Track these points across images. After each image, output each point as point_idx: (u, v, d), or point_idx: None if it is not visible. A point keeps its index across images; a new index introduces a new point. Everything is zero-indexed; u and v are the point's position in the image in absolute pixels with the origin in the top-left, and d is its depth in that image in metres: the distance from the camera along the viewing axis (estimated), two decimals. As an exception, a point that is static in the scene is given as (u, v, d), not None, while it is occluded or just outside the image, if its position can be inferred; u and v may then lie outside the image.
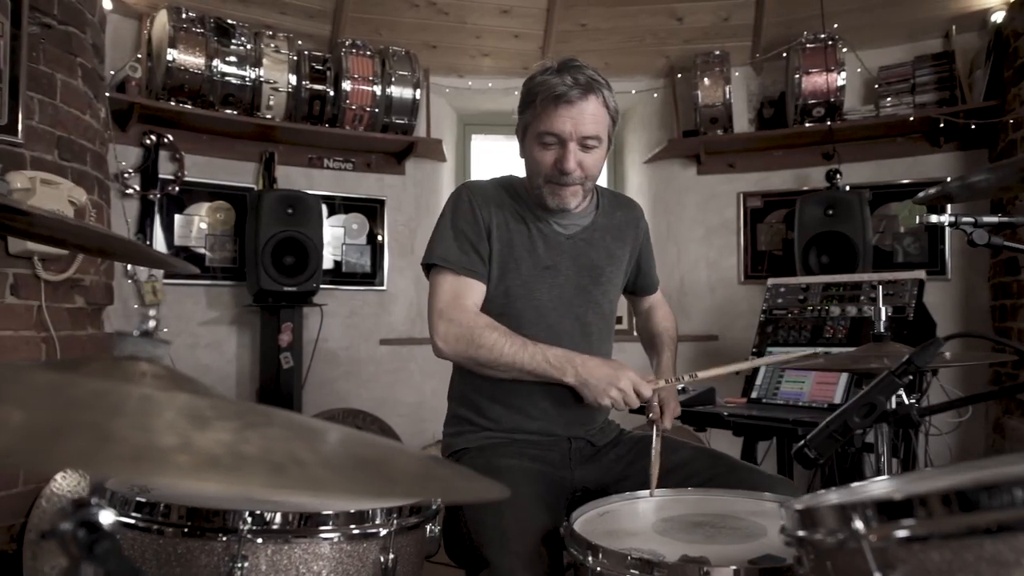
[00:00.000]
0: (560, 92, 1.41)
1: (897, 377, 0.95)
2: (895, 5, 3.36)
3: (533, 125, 1.47)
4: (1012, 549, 0.52)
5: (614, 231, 1.66)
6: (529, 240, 1.57)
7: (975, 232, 1.39)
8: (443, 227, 1.56)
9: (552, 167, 1.47)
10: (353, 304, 3.62)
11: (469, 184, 1.62)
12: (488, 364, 1.46)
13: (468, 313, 1.48)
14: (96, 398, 0.43)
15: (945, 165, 3.36)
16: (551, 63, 1.49)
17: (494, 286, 1.54)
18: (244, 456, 0.38)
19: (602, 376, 1.41)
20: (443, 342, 1.48)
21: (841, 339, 2.58)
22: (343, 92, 3.30)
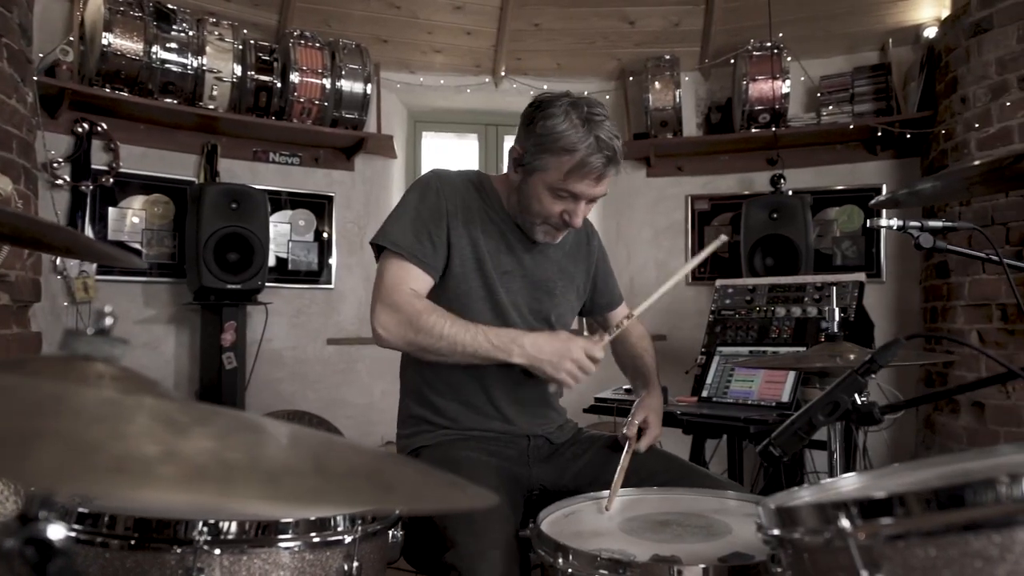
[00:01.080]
0: (599, 167, 1.39)
1: (860, 376, 0.97)
2: (835, 18, 3.49)
3: (550, 175, 1.42)
4: (996, 545, 0.53)
5: (567, 248, 1.67)
6: (494, 242, 1.55)
7: (921, 236, 1.44)
8: (404, 209, 1.51)
9: (557, 216, 1.47)
10: (299, 303, 3.52)
11: (440, 172, 1.57)
12: (429, 348, 1.41)
13: (407, 297, 1.43)
14: (56, 403, 0.39)
15: (881, 172, 3.50)
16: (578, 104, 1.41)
17: (456, 282, 1.51)
18: (233, 466, 0.35)
19: (552, 351, 1.38)
20: (383, 329, 1.43)
21: (786, 339, 2.65)
22: (291, 84, 3.20)
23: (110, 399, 0.43)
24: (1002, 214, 2.69)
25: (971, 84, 2.88)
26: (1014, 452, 0.74)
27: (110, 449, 0.31)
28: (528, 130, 1.45)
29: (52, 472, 0.28)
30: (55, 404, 0.38)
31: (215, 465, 0.33)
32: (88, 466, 0.29)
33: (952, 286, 2.95)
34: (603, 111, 1.44)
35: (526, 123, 1.47)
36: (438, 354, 1.43)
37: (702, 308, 3.72)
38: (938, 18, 3.29)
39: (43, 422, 0.33)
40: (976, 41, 2.85)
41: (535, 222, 1.50)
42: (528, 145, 1.45)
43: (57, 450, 0.29)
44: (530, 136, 1.44)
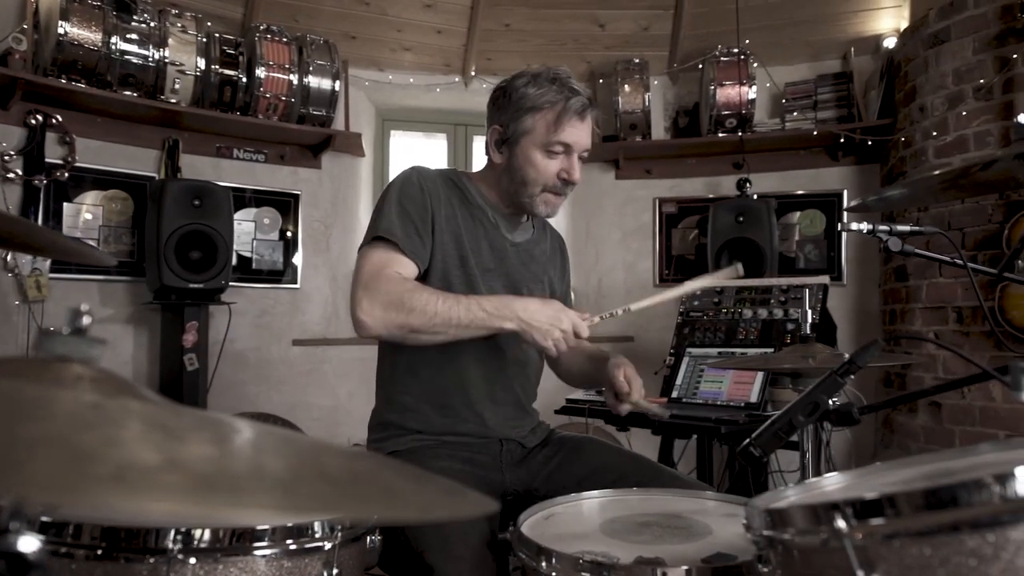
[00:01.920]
0: (583, 108, 1.44)
1: (839, 377, 0.98)
2: (800, 26, 3.57)
3: (538, 133, 1.45)
4: (990, 544, 0.53)
5: (547, 254, 1.68)
6: (476, 239, 1.53)
7: (890, 239, 1.48)
8: (388, 204, 1.47)
9: (555, 176, 1.47)
10: (264, 303, 3.44)
11: (419, 168, 1.55)
12: (422, 328, 1.35)
13: (393, 279, 1.38)
14: (39, 407, 0.36)
15: (842, 178, 3.59)
16: (540, 71, 1.47)
17: (438, 279, 1.49)
18: (239, 474, 0.32)
19: (545, 318, 1.36)
20: (368, 315, 1.35)
21: (753, 340, 2.70)
22: (257, 79, 3.13)
23: (95, 403, 0.40)
24: (959, 220, 2.78)
25: (929, 94, 2.97)
26: (994, 451, 0.76)
27: (109, 457, 0.29)
28: (501, 108, 1.49)
29: (50, 483, 0.25)
30: (39, 409, 0.35)
31: (220, 473, 0.31)
32: (87, 476, 0.27)
33: (910, 289, 3.04)
34: (567, 72, 1.49)
35: (497, 103, 1.51)
36: (431, 332, 1.36)
37: (669, 310, 3.76)
38: (897, 29, 3.39)
39: (32, 428, 0.31)
40: (934, 52, 2.95)
41: (535, 193, 1.49)
42: (506, 119, 1.48)
43: (54, 459, 0.27)
44: (505, 111, 1.48)
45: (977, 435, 2.68)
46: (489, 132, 1.52)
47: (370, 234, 1.46)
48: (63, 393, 0.40)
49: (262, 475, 0.33)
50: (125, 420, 0.37)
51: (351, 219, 3.70)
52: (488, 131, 1.52)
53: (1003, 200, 2.65)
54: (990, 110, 2.74)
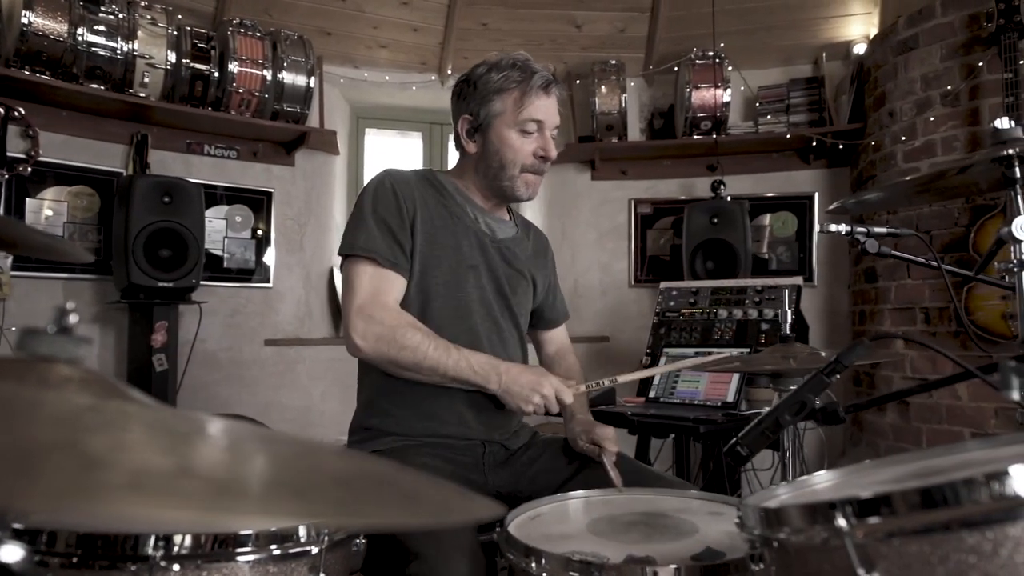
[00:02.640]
0: (546, 83, 1.47)
1: (825, 376, 0.99)
2: (773, 31, 3.62)
3: (508, 114, 1.47)
4: (989, 540, 0.54)
5: (531, 251, 1.68)
6: (454, 237, 1.52)
7: (867, 241, 1.50)
8: (363, 214, 1.47)
9: (531, 155, 1.49)
10: (236, 302, 3.37)
11: (391, 171, 1.54)
12: (409, 366, 1.40)
13: (390, 311, 1.41)
14: (32, 409, 0.34)
15: (813, 181, 3.65)
16: (499, 58, 1.50)
17: (415, 281, 1.48)
18: (257, 480, 0.31)
19: (525, 383, 1.40)
20: (362, 340, 1.39)
21: (728, 340, 2.73)
22: (229, 74, 3.06)
23: (91, 405, 0.38)
24: (926, 223, 2.84)
25: (898, 99, 3.04)
26: (980, 448, 0.77)
27: (120, 463, 0.27)
28: (467, 97, 1.51)
29: (64, 491, 0.24)
30: (36, 411, 0.33)
31: (237, 479, 0.30)
32: (102, 484, 0.25)
33: (879, 290, 3.10)
34: (524, 55, 1.52)
35: (462, 95, 1.53)
36: (416, 372, 1.41)
37: (644, 310, 3.79)
38: (867, 36, 3.46)
39: (34, 432, 0.29)
40: (903, 59, 3.01)
41: (515, 174, 1.51)
42: (474, 107, 1.50)
43: (64, 466, 0.25)
44: (471, 99, 1.50)
45: (944, 433, 2.75)
46: (459, 123, 1.53)
47: (350, 248, 1.46)
48: (55, 395, 0.38)
49: (279, 480, 0.32)
50: (125, 423, 0.35)
51: (325, 218, 3.65)
52: (458, 123, 1.53)
53: (969, 204, 2.73)
54: (957, 116, 2.82)
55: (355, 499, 0.34)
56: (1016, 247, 1.12)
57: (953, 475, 0.62)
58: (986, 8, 2.70)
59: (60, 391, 0.45)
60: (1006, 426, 2.59)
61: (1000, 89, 2.55)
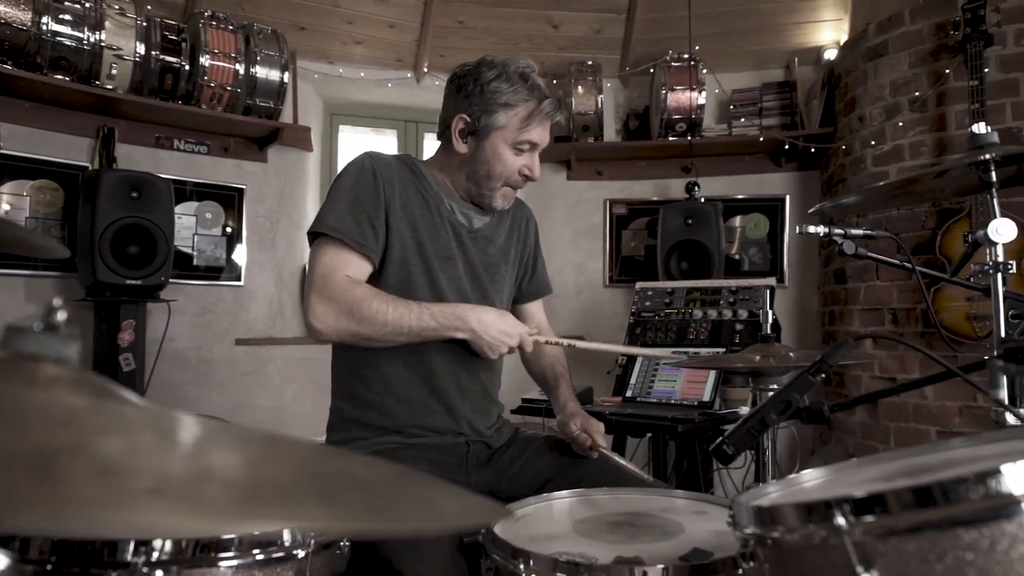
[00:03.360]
0: (553, 109, 1.48)
1: (811, 376, 1.00)
2: (746, 35, 3.67)
3: (509, 130, 1.45)
4: (986, 537, 0.55)
5: (507, 230, 1.67)
6: (433, 227, 1.51)
7: (845, 243, 1.53)
8: (339, 193, 1.44)
9: (518, 172, 1.50)
10: (205, 300, 3.30)
11: (373, 154, 1.51)
12: (373, 337, 1.37)
13: (344, 285, 1.38)
14: (36, 411, 0.33)
15: (785, 183, 3.71)
16: (507, 64, 1.47)
17: (396, 268, 1.46)
18: (279, 484, 0.30)
19: (497, 332, 1.43)
20: (319, 322, 1.37)
21: (703, 340, 2.75)
22: (200, 67, 3.00)
23: (88, 407, 0.36)
24: (895, 225, 2.91)
25: (868, 104, 3.10)
26: (965, 446, 0.79)
27: (139, 469, 0.26)
28: (469, 97, 1.47)
29: (88, 500, 0.22)
30: (38, 413, 0.32)
31: (262, 483, 0.28)
32: (123, 491, 0.24)
33: (849, 291, 3.16)
34: (531, 66, 1.50)
35: (462, 91, 1.48)
36: (383, 341, 1.39)
37: (619, 310, 3.82)
38: (838, 42, 3.53)
39: (44, 436, 0.27)
40: (873, 65, 3.08)
41: (496, 187, 1.51)
42: (475, 111, 1.46)
43: (83, 472, 0.24)
44: (474, 102, 1.46)
45: (911, 431, 2.82)
46: (455, 120, 1.48)
47: (320, 225, 1.43)
48: (53, 396, 0.36)
49: (300, 485, 0.31)
50: (129, 426, 0.34)
51: (298, 215, 3.60)
52: (453, 119, 1.49)
53: (935, 208, 2.80)
54: (925, 122, 2.89)
55: (379, 503, 0.32)
56: (991, 249, 1.15)
57: (946, 473, 0.63)
58: (953, 17, 2.78)
59: (50, 391, 0.42)
60: (970, 424, 2.67)
61: (966, 96, 2.62)
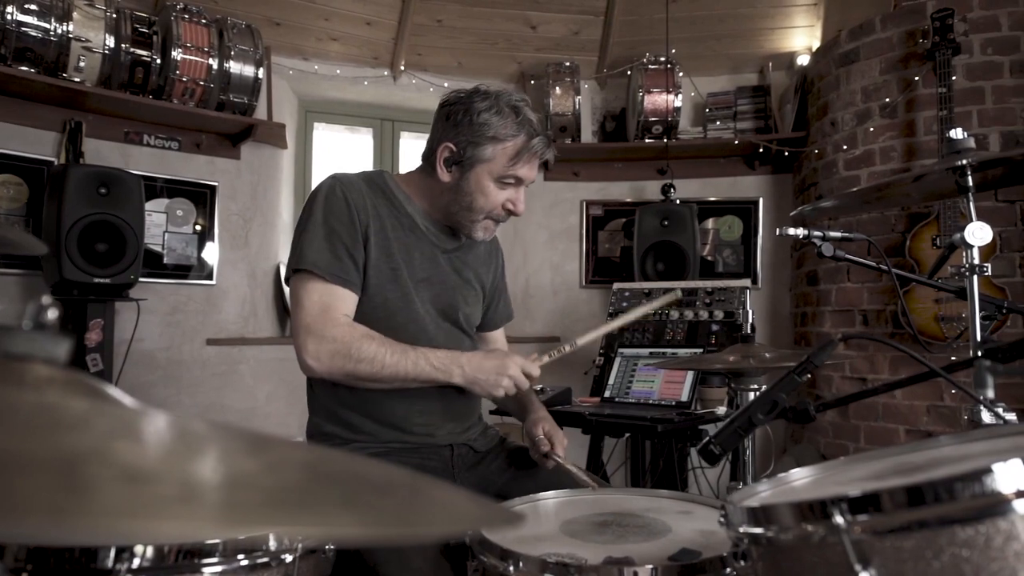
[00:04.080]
0: (543, 147, 1.45)
1: (797, 376, 1.02)
2: (721, 39, 3.71)
3: (496, 164, 1.42)
4: (982, 534, 0.56)
5: (481, 256, 1.66)
6: (406, 249, 1.49)
7: (823, 245, 1.55)
8: (313, 226, 1.41)
9: (501, 206, 1.46)
10: (176, 300, 3.23)
11: (340, 178, 1.47)
12: (368, 377, 1.37)
13: (340, 326, 1.37)
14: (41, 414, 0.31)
15: (758, 186, 3.77)
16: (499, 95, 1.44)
17: (372, 294, 1.44)
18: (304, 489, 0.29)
19: (490, 369, 1.40)
20: (315, 360, 1.35)
21: (680, 341, 2.77)
22: (172, 61, 2.93)
23: (93, 410, 0.35)
24: (865, 228, 2.97)
25: (840, 109, 3.16)
26: (952, 443, 0.80)
27: (163, 475, 0.25)
28: (457, 126, 1.43)
29: (119, 509, 0.21)
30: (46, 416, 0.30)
31: (287, 489, 0.27)
32: (155, 499, 0.23)
33: (820, 293, 3.22)
34: (525, 99, 1.48)
35: (451, 119, 1.44)
36: (378, 383, 1.38)
37: (595, 310, 3.83)
38: (810, 48, 3.59)
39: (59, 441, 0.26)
40: (845, 71, 3.14)
41: (477, 219, 1.47)
42: (462, 141, 1.42)
43: (112, 479, 0.23)
44: (462, 131, 1.42)
45: (880, 430, 2.88)
46: (440, 149, 1.45)
47: (300, 262, 1.40)
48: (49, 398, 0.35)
49: (324, 488, 0.30)
50: (139, 431, 0.32)
51: (272, 213, 3.54)
52: (439, 147, 1.45)
53: (905, 212, 2.86)
54: (894, 127, 2.95)
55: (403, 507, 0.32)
56: (967, 252, 1.18)
57: (939, 472, 0.64)
58: (922, 25, 2.84)
59: (43, 393, 0.41)
60: (937, 423, 2.73)
61: (935, 102, 2.69)
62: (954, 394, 2.67)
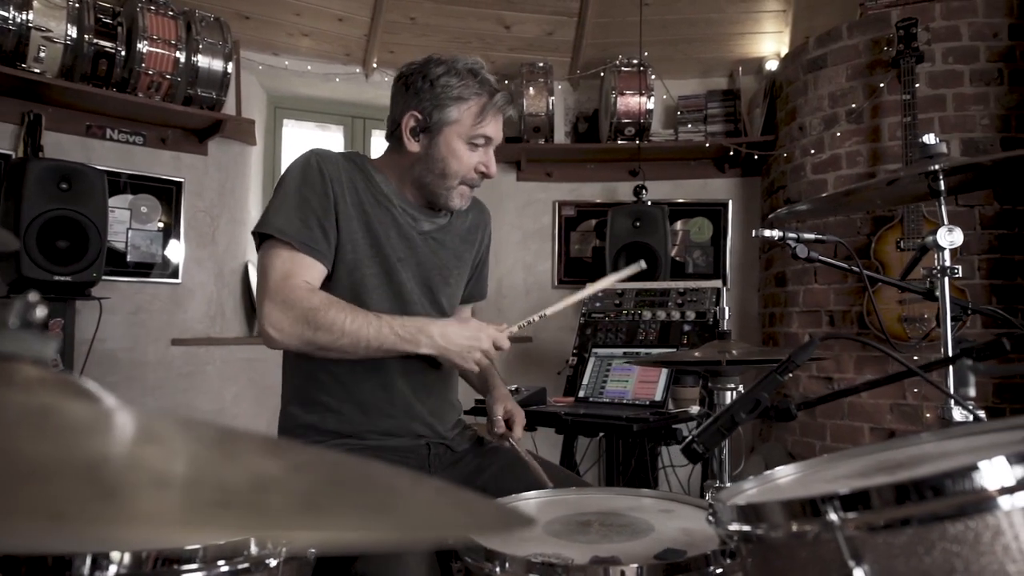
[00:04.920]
0: (505, 102, 1.46)
1: (779, 375, 1.03)
2: (692, 43, 3.76)
3: (463, 125, 1.42)
4: (970, 528, 0.57)
5: (464, 233, 1.64)
6: (383, 228, 1.47)
7: (798, 247, 1.58)
8: (285, 194, 1.39)
9: (474, 169, 1.46)
10: (140, 299, 3.15)
11: (319, 151, 1.46)
12: (330, 346, 1.33)
13: (302, 292, 1.33)
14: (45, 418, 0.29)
15: (727, 189, 3.82)
16: (455, 60, 1.45)
17: (349, 272, 1.42)
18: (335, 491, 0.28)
19: (462, 340, 1.37)
20: (275, 329, 1.31)
21: (652, 341, 2.80)
22: (138, 53, 2.85)
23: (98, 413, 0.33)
24: (832, 231, 3.03)
25: (807, 114, 3.22)
26: (933, 440, 0.82)
27: (201, 479, 0.24)
28: (419, 93, 1.43)
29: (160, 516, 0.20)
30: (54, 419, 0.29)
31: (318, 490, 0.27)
32: (193, 503, 0.22)
33: (788, 294, 3.28)
34: (479, 62, 1.49)
35: (411, 89, 1.45)
36: (340, 351, 1.34)
37: (567, 311, 3.83)
38: (779, 53, 3.66)
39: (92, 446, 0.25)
40: (812, 76, 3.20)
41: (452, 185, 1.47)
42: (426, 107, 1.43)
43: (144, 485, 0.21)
44: (424, 98, 1.43)
45: (846, 427, 2.95)
46: (405, 119, 1.44)
47: (266, 227, 1.38)
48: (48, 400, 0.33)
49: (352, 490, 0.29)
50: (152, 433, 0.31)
51: (240, 211, 3.47)
52: (402, 117, 1.45)
53: (870, 215, 2.93)
54: (860, 133, 3.02)
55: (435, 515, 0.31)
56: (939, 255, 1.21)
57: (926, 468, 0.66)
58: (887, 34, 2.92)
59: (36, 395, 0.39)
60: (900, 421, 2.81)
61: (899, 109, 2.76)
62: (916, 392, 2.75)
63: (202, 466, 0.25)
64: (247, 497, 0.23)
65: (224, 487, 0.23)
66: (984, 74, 2.83)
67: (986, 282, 2.74)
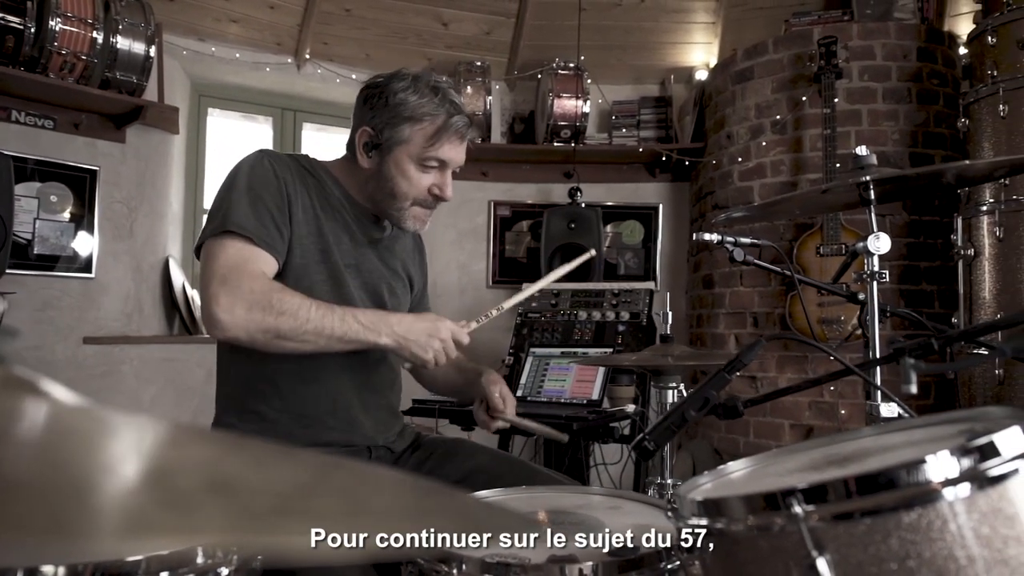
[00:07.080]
0: (464, 126, 1.39)
1: (727, 373, 1.07)
2: (627, 50, 3.85)
3: (414, 145, 1.37)
4: (923, 517, 0.61)
5: (407, 250, 1.63)
6: (334, 234, 1.43)
7: (735, 250, 1.64)
8: (236, 192, 1.32)
9: (427, 191, 1.41)
10: (48, 294, 2.94)
11: (269, 152, 1.42)
12: (290, 334, 1.24)
13: (258, 279, 1.27)
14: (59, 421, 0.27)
15: (658, 193, 3.93)
16: (420, 75, 1.41)
17: (295, 277, 1.37)
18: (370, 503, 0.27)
19: (421, 331, 1.33)
20: (228, 314, 1.21)
21: (588, 341, 2.85)
22: (50, 31, 2.66)
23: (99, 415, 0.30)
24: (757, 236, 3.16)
25: (735, 124, 3.36)
26: (873, 435, 0.87)
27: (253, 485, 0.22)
28: (375, 109, 1.39)
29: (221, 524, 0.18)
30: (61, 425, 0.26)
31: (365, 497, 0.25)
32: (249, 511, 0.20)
33: (715, 296, 3.40)
34: (448, 81, 1.45)
35: (369, 103, 1.41)
36: (300, 340, 1.25)
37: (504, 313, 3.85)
38: (708, 64, 3.79)
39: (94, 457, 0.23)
40: (740, 87, 3.34)
41: (404, 206, 1.43)
42: (379, 123, 1.38)
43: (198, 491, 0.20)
44: (379, 114, 1.39)
45: (768, 424, 3.08)
46: (358, 133, 1.42)
47: (217, 225, 1.30)
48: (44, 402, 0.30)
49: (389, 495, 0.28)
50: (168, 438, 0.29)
51: (160, 202, 3.30)
52: (357, 132, 1.42)
53: (792, 222, 3.08)
54: (784, 143, 3.17)
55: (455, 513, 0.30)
56: (869, 260, 1.28)
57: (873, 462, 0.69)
58: (810, 50, 3.08)
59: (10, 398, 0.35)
60: (818, 417, 2.96)
61: (820, 122, 2.91)
62: (832, 391, 2.91)
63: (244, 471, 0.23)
64: (299, 503, 0.22)
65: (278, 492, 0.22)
66: (895, 92, 3.03)
67: (896, 287, 2.93)
